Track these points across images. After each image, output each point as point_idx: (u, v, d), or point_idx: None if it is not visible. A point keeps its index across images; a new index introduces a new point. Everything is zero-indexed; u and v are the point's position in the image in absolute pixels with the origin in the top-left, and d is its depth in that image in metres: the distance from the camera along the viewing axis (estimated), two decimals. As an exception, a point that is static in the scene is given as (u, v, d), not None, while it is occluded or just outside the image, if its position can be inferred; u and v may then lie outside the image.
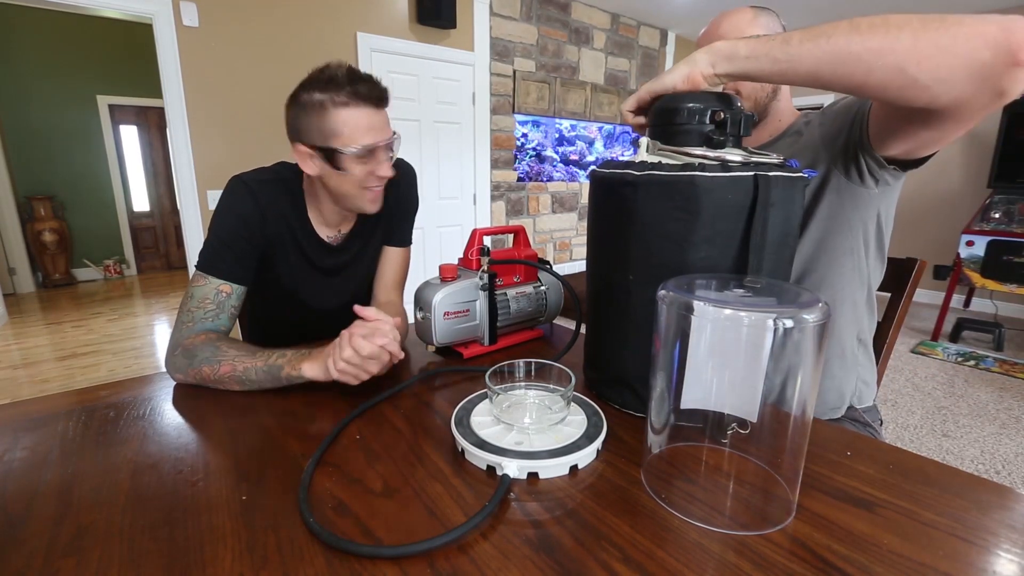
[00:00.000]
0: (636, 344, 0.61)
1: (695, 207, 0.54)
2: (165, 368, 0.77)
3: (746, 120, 0.58)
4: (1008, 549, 0.40)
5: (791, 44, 0.55)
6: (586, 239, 0.69)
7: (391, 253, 1.04)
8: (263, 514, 0.45)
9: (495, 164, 3.70)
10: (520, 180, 3.87)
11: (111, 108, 5.04)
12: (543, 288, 0.93)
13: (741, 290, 0.47)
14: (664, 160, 0.58)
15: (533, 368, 0.63)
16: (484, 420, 0.58)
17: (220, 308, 0.81)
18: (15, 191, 4.49)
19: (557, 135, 4.00)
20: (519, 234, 0.95)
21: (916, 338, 3.33)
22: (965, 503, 0.46)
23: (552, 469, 0.51)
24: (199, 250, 0.82)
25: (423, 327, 0.82)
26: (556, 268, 3.01)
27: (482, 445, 0.52)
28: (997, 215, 3.23)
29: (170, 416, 0.66)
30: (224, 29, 2.49)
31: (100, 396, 0.71)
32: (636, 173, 0.56)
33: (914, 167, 0.74)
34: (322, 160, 0.82)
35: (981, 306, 3.95)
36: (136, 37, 4.85)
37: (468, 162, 3.58)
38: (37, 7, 2.74)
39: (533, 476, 0.50)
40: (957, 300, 4.01)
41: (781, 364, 0.42)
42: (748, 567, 0.38)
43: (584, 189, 4.32)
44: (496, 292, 0.85)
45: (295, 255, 0.92)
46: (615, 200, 0.60)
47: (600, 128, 4.31)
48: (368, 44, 2.93)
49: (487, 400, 0.62)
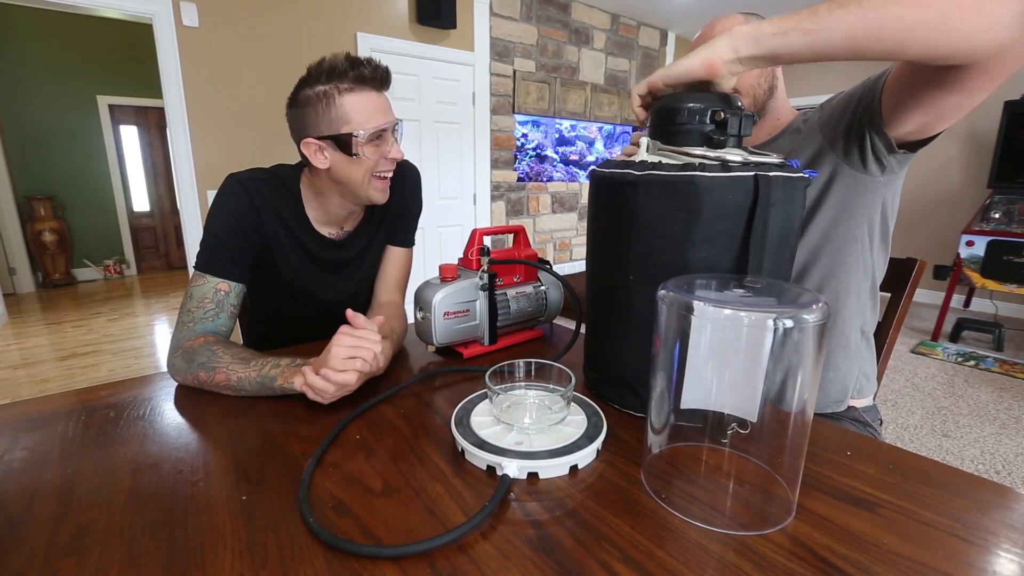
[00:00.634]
0: (636, 344, 0.61)
1: (695, 207, 0.54)
2: (167, 369, 0.77)
3: (746, 120, 0.58)
4: (1008, 549, 0.40)
5: (820, 15, 0.53)
6: (586, 239, 0.69)
7: (393, 253, 1.04)
8: (263, 514, 0.45)
9: (495, 164, 3.70)
10: (520, 180, 3.87)
11: (111, 108, 5.04)
12: (543, 288, 0.93)
13: (741, 290, 0.47)
14: (664, 160, 0.58)
15: (533, 368, 0.63)
16: (484, 420, 0.58)
17: (219, 307, 0.81)
18: (15, 191, 4.49)
19: (557, 135, 4.00)
20: (519, 234, 0.95)
21: (916, 338, 3.33)
22: (965, 503, 0.46)
23: (552, 469, 0.51)
24: (195, 250, 0.82)
25: (423, 327, 0.82)
26: (556, 268, 3.01)
27: (482, 445, 0.52)
28: (997, 215, 3.22)
29: (170, 416, 0.66)
30: (224, 29, 2.49)
31: (100, 396, 0.71)
32: (636, 173, 0.56)
33: (922, 146, 0.73)
34: (333, 149, 0.82)
35: (981, 306, 3.95)
36: (136, 37, 4.86)
37: (468, 162, 3.58)
38: (37, 7, 2.73)
39: (533, 476, 0.50)
40: (957, 300, 4.01)
41: (781, 364, 0.42)
42: (748, 567, 0.38)
43: (584, 189, 4.33)
44: (496, 292, 0.85)
45: (295, 252, 0.92)
46: (615, 200, 0.60)
47: (600, 128, 4.31)
48: (368, 44, 2.93)
49: (487, 400, 0.62)
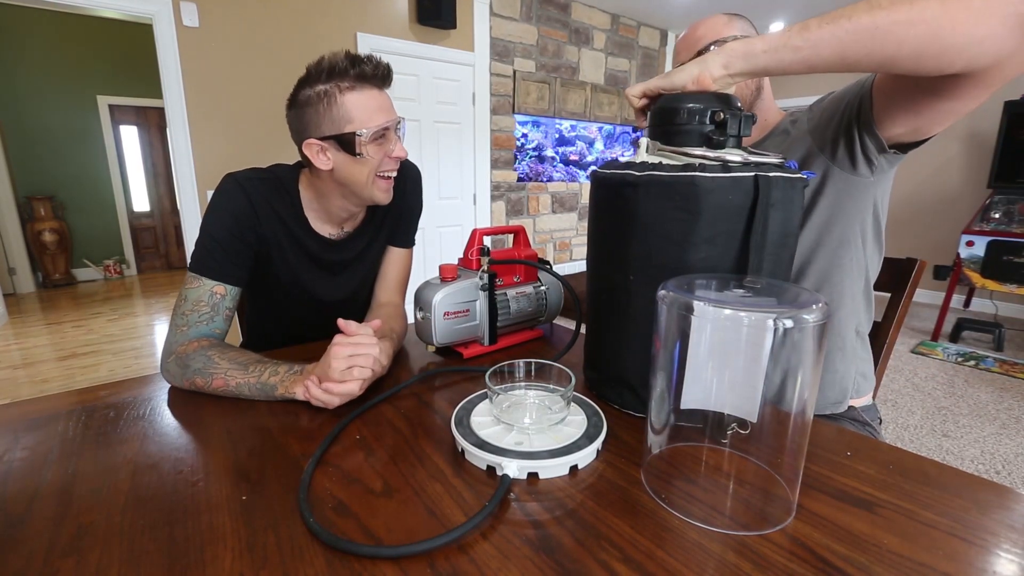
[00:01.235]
0: (636, 344, 0.61)
1: (695, 207, 0.54)
2: (160, 372, 0.76)
3: (746, 120, 0.58)
4: (1008, 549, 0.40)
5: (810, 30, 0.54)
6: (586, 239, 0.69)
7: (394, 253, 1.03)
8: (263, 514, 0.45)
9: (495, 164, 3.70)
10: (520, 180, 3.87)
11: (111, 108, 5.04)
12: (543, 288, 0.93)
13: (741, 290, 0.47)
14: (664, 160, 0.58)
15: (533, 368, 0.63)
16: (484, 420, 0.58)
17: (214, 311, 0.79)
18: (15, 191, 4.49)
19: (557, 135, 4.00)
20: (519, 234, 0.95)
21: (916, 338, 3.33)
22: (965, 503, 0.46)
23: (552, 469, 0.51)
24: (191, 250, 0.81)
25: (423, 327, 0.82)
26: (556, 268, 3.01)
27: (482, 445, 0.52)
28: (997, 215, 3.22)
29: (170, 416, 0.66)
30: (224, 29, 2.49)
31: (100, 396, 0.71)
32: (637, 174, 0.56)
33: (914, 147, 0.72)
34: (336, 150, 0.81)
35: (981, 306, 3.95)
36: (136, 37, 4.86)
37: (468, 162, 3.58)
38: (37, 7, 2.74)
39: (533, 476, 0.50)
40: (957, 300, 4.01)
41: (781, 364, 0.42)
42: (748, 567, 0.38)
43: (584, 189, 4.33)
44: (496, 292, 0.85)
45: (293, 253, 0.91)
46: (616, 200, 0.60)
47: (600, 128, 4.31)
48: (368, 44, 2.93)
49: (487, 400, 0.62)
